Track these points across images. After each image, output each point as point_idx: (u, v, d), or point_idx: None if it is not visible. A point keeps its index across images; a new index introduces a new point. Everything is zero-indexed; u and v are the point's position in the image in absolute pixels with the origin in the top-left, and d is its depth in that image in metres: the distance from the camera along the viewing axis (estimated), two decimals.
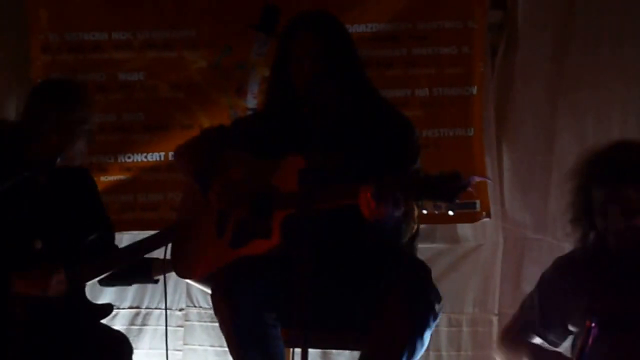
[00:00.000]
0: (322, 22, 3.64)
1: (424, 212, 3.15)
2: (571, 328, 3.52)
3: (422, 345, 3.30)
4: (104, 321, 3.97)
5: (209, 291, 3.52)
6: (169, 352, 5.06)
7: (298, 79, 3.56)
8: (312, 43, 3.55)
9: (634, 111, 4.87)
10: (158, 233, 3.99)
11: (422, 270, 3.45)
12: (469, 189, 3.04)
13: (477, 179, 3.08)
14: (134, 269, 4.06)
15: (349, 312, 3.42)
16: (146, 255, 4.04)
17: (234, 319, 3.35)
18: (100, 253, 4.00)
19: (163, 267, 4.04)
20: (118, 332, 3.99)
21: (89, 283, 3.98)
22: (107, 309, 3.98)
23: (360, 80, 3.65)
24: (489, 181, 4.89)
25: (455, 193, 3.02)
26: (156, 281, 4.18)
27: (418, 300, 3.28)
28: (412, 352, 3.27)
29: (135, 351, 4.15)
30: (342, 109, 3.57)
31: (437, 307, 3.36)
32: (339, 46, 3.60)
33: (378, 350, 3.29)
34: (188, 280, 3.82)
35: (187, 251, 3.73)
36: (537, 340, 3.57)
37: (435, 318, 3.34)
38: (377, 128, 3.54)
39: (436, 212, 3.09)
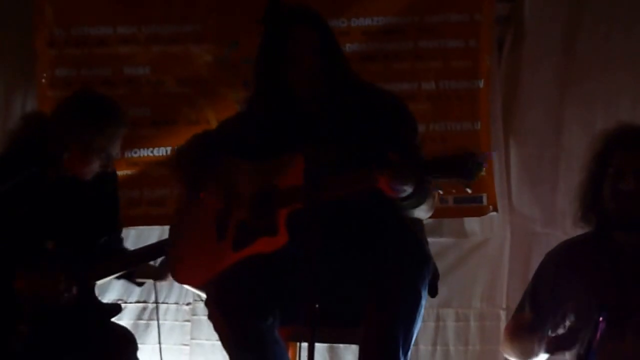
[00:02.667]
0: (314, 16, 3.61)
1: (440, 192, 3.19)
2: (568, 318, 3.52)
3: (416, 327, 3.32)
4: None
5: None
6: (176, 346, 5.12)
7: (295, 74, 3.50)
8: (313, 38, 3.52)
9: None
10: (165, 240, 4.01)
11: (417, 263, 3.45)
12: (485, 165, 3.07)
13: (493, 154, 3.10)
14: None
15: (355, 307, 3.41)
16: None
17: (227, 329, 3.35)
18: (108, 255, 4.00)
19: (147, 272, 4.06)
20: (123, 327, 4.00)
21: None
22: (116, 309, 3.98)
23: (348, 71, 3.63)
24: (495, 175, 4.89)
25: (474, 171, 3.03)
26: (139, 284, 4.21)
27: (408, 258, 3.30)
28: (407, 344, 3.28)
29: (142, 346, 4.17)
30: (336, 102, 3.54)
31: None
32: (333, 40, 3.59)
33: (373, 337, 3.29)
34: (187, 287, 3.78)
35: (185, 257, 3.67)
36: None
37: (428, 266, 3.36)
38: (373, 114, 3.51)
39: (454, 190, 3.12)
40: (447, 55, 5.05)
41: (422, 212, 3.49)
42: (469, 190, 3.10)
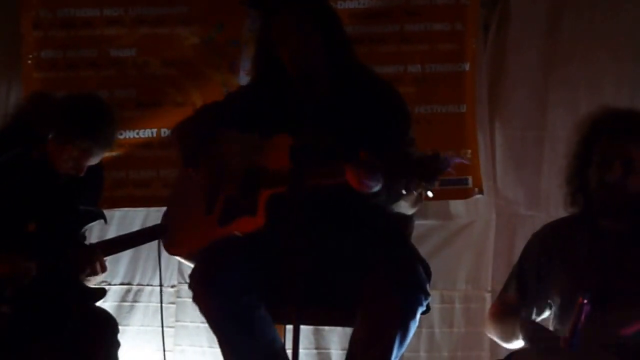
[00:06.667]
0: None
1: (415, 193, 3.09)
2: (550, 298, 3.53)
3: (414, 325, 3.32)
4: None
5: None
6: (161, 328, 5.11)
7: (285, 56, 3.52)
8: (299, 19, 3.52)
9: (627, 83, 4.89)
10: (148, 228, 4.00)
11: (408, 251, 3.47)
12: (449, 169, 2.99)
13: (457, 160, 3.04)
14: None
15: (340, 289, 3.42)
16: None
17: (213, 310, 3.37)
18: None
19: None
20: (103, 310, 3.99)
21: None
22: (101, 292, 3.98)
23: (348, 55, 3.62)
24: (481, 158, 4.89)
25: (435, 175, 2.96)
26: None
27: (406, 285, 3.29)
28: (404, 336, 3.29)
29: (126, 328, 4.16)
30: (330, 85, 3.56)
31: (427, 287, 3.38)
32: (326, 22, 3.58)
33: (370, 338, 3.30)
34: (178, 258, 3.80)
35: (177, 228, 3.72)
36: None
37: (425, 296, 3.35)
38: (366, 103, 3.53)
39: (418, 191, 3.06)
40: (433, 38, 5.04)
41: (404, 209, 3.51)
42: (430, 195, 3.01)
